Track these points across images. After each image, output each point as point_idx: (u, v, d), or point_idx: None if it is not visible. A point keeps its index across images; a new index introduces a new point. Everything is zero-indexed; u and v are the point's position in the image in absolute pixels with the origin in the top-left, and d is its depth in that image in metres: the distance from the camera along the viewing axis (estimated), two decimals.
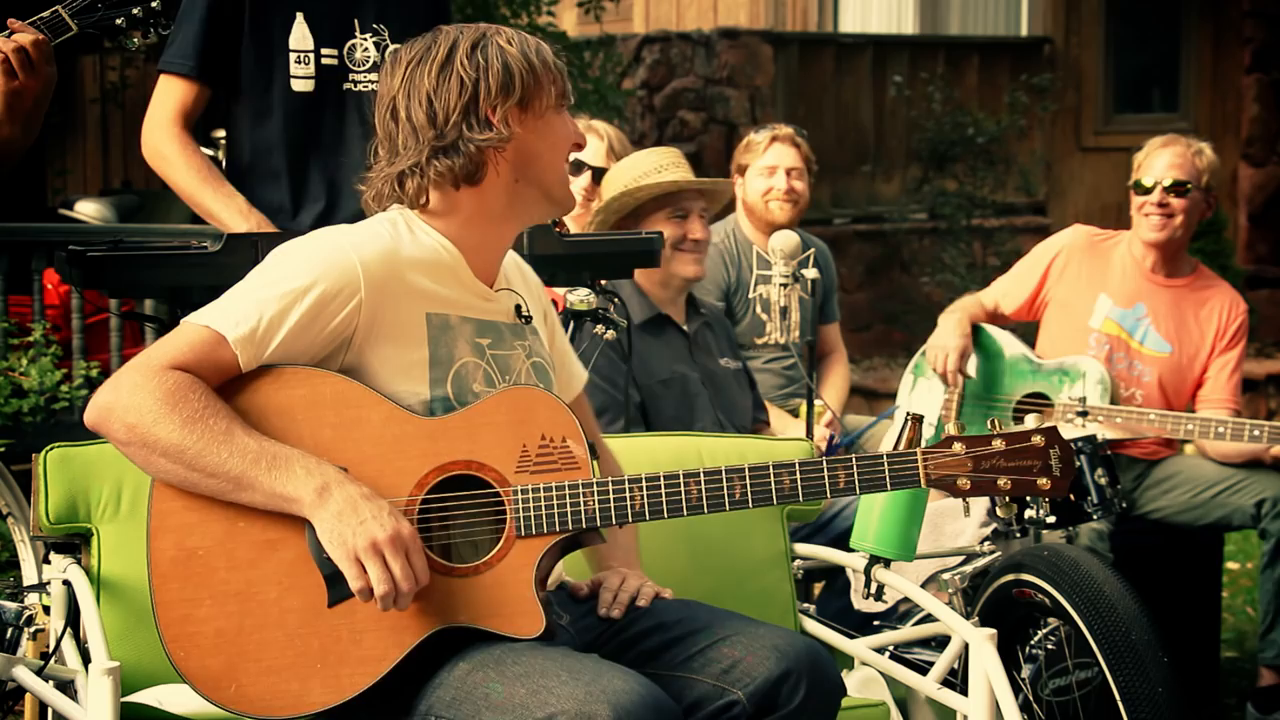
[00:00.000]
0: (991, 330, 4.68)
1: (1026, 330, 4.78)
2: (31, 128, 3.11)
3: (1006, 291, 4.71)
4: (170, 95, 3.46)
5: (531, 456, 2.38)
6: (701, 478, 2.41)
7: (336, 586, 2.28)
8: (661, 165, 4.10)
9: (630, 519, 2.40)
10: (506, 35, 2.48)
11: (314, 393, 2.35)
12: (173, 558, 2.31)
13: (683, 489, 2.41)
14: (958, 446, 2.47)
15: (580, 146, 2.58)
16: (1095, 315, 4.57)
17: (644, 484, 2.40)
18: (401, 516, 2.28)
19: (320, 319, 2.35)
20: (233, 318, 2.33)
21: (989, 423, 2.53)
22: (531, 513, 2.36)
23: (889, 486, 2.46)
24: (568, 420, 2.41)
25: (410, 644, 2.30)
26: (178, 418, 2.25)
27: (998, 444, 2.48)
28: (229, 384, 2.33)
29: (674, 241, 4.05)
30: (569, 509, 2.37)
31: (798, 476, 2.43)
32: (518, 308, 2.59)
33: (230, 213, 3.37)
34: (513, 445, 2.38)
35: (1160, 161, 4.55)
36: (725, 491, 2.42)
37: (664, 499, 2.40)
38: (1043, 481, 2.48)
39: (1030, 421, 2.55)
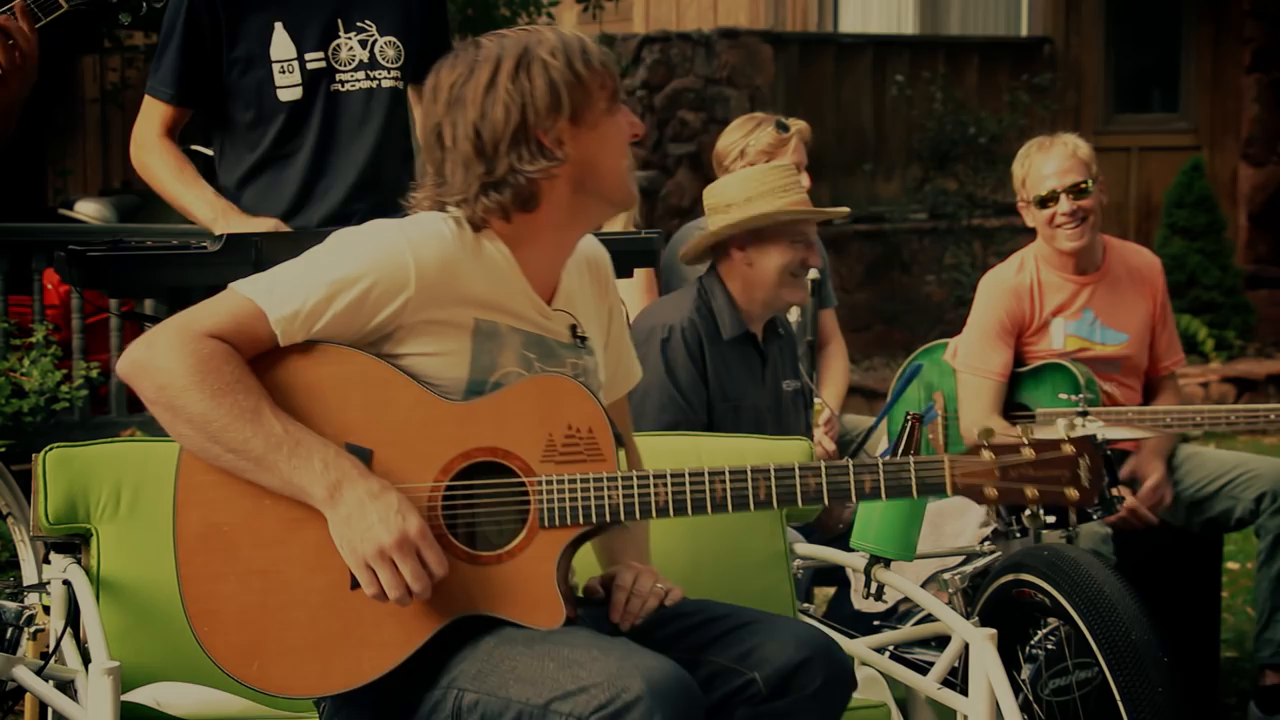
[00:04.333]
0: None
1: None
2: (11, 116, 3.11)
3: (988, 366, 4.50)
4: (154, 115, 3.57)
5: (558, 446, 2.37)
6: (727, 476, 2.39)
7: None
8: (784, 185, 3.86)
9: (654, 514, 2.38)
10: (550, 45, 2.38)
11: (343, 371, 2.33)
12: (198, 533, 2.30)
13: (708, 487, 2.38)
14: (986, 455, 2.42)
15: (637, 135, 2.47)
16: (1055, 339, 4.53)
17: (669, 480, 2.38)
18: (412, 511, 2.26)
19: (364, 310, 2.33)
20: (279, 295, 2.32)
21: (1017, 429, 2.49)
22: (555, 504, 2.35)
23: (915, 493, 2.41)
24: (595, 411, 2.38)
25: (431, 630, 2.30)
26: (208, 388, 2.24)
27: (1026, 453, 2.42)
28: (261, 354, 2.32)
29: (791, 268, 3.82)
30: (593, 501, 2.35)
31: (823, 479, 2.40)
32: (573, 328, 2.53)
33: (200, 204, 3.46)
34: (539, 434, 2.36)
35: (1049, 168, 4.43)
36: (750, 491, 2.39)
37: (689, 496, 2.38)
38: (1071, 492, 2.43)
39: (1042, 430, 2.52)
